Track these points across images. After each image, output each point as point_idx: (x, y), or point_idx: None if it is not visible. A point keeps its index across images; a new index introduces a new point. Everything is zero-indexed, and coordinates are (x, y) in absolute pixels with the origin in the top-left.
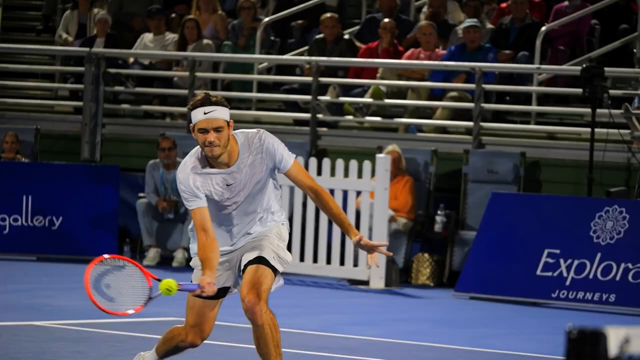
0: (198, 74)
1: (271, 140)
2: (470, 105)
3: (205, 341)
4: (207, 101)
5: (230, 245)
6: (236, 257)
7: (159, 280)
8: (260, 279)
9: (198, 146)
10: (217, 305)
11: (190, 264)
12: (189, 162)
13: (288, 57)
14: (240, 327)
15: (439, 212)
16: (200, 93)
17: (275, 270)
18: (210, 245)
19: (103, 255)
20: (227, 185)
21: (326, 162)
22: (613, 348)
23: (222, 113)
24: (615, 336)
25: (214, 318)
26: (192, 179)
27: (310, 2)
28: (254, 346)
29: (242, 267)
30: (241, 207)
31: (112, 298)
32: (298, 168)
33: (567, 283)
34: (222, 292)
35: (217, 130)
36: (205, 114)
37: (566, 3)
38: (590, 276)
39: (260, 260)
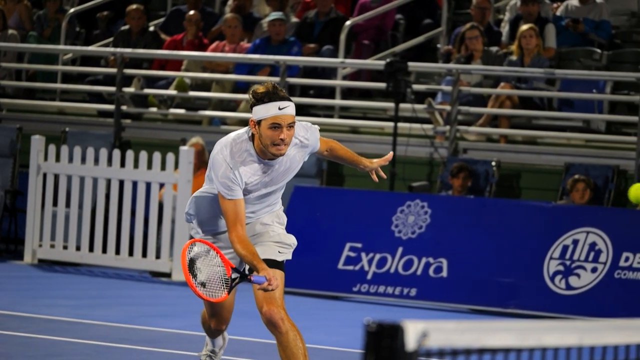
0: (3, 64)
1: (317, 135)
2: None
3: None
4: (278, 95)
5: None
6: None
7: (235, 269)
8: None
9: (236, 133)
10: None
11: (191, 232)
12: (236, 152)
13: (93, 48)
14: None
15: None
16: (267, 84)
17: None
18: (248, 240)
19: (194, 238)
20: (266, 175)
21: (130, 154)
22: (411, 342)
23: (293, 109)
24: (413, 330)
25: (231, 304)
26: (240, 171)
27: None
28: None
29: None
30: (266, 195)
31: (204, 283)
32: (321, 142)
33: (369, 277)
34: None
35: (290, 126)
36: (280, 109)
37: None
38: (392, 270)
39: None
